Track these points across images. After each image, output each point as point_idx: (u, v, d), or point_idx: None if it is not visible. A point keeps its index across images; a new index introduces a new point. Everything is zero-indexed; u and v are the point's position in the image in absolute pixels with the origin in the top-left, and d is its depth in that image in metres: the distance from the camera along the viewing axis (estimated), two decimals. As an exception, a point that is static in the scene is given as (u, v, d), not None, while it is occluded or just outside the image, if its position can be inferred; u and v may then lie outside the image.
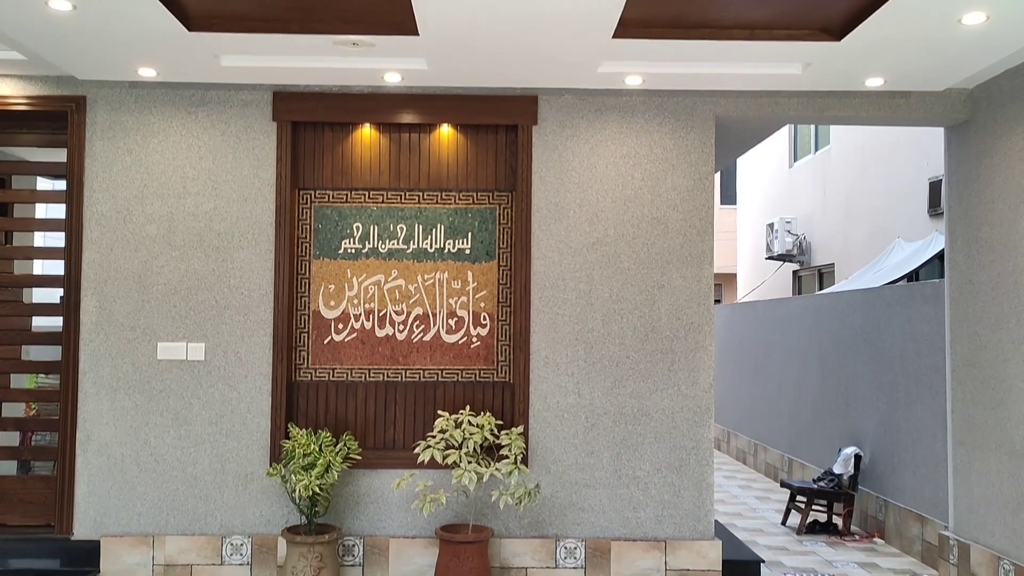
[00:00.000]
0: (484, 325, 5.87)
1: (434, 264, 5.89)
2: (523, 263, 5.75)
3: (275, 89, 5.72)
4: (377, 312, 5.86)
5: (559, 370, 5.75)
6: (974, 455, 5.72)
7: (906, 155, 10.68)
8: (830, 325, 8.80)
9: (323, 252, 5.86)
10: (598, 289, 5.77)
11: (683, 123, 5.80)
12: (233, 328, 5.71)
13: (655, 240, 5.79)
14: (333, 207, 5.87)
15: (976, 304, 5.70)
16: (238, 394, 5.69)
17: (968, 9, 4.24)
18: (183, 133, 5.73)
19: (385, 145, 5.88)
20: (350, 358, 5.84)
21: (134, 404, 5.66)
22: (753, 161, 16.66)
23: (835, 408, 8.53)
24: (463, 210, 5.90)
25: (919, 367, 6.81)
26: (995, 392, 5.48)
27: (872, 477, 7.58)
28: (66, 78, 5.68)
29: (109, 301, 5.68)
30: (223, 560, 5.60)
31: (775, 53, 5.03)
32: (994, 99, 5.53)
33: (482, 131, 5.88)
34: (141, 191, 5.71)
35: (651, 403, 5.75)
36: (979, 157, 5.71)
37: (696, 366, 5.76)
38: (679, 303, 5.77)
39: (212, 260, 5.71)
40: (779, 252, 14.15)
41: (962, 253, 5.90)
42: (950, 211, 6.08)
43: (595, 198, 5.79)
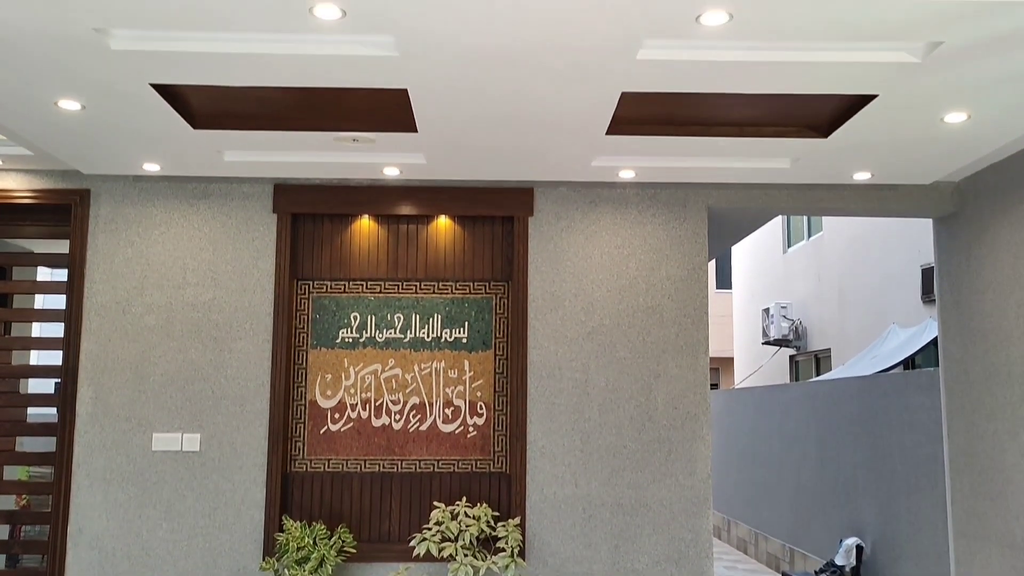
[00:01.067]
0: (481, 414, 5.86)
1: (431, 353, 5.91)
2: (519, 352, 5.78)
3: (276, 182, 5.84)
4: (374, 402, 5.86)
5: (556, 460, 5.72)
6: (975, 547, 5.65)
7: (898, 242, 10.82)
8: (828, 412, 8.78)
9: (320, 342, 5.89)
10: (594, 378, 5.79)
11: (676, 214, 5.91)
12: (229, 418, 5.70)
13: (650, 329, 5.83)
14: (331, 297, 5.93)
15: (971, 394, 5.72)
16: (232, 486, 5.65)
17: (949, 109, 4.38)
18: (184, 225, 5.82)
19: (383, 236, 5.97)
20: (346, 448, 5.82)
21: (127, 496, 5.61)
22: (748, 246, 16.84)
23: (835, 497, 8.45)
24: (460, 300, 5.95)
25: (918, 456, 6.78)
26: (994, 483, 5.45)
27: (874, 568, 7.47)
28: (71, 172, 5.80)
29: (105, 392, 5.68)
30: (213, 658, 5.47)
31: (764, 149, 5.17)
32: (980, 192, 5.65)
33: (479, 222, 5.99)
34: (141, 282, 5.77)
35: (649, 494, 5.70)
36: (968, 248, 5.80)
37: (693, 456, 5.74)
38: (675, 392, 5.78)
39: (210, 350, 5.74)
40: (775, 337, 14.19)
41: (955, 343, 5.94)
42: (942, 300, 6.15)
43: (590, 288, 5.86)
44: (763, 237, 15.80)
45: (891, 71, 3.88)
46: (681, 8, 3.32)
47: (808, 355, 14.07)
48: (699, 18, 3.40)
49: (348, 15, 3.41)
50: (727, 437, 12.31)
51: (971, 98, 4.23)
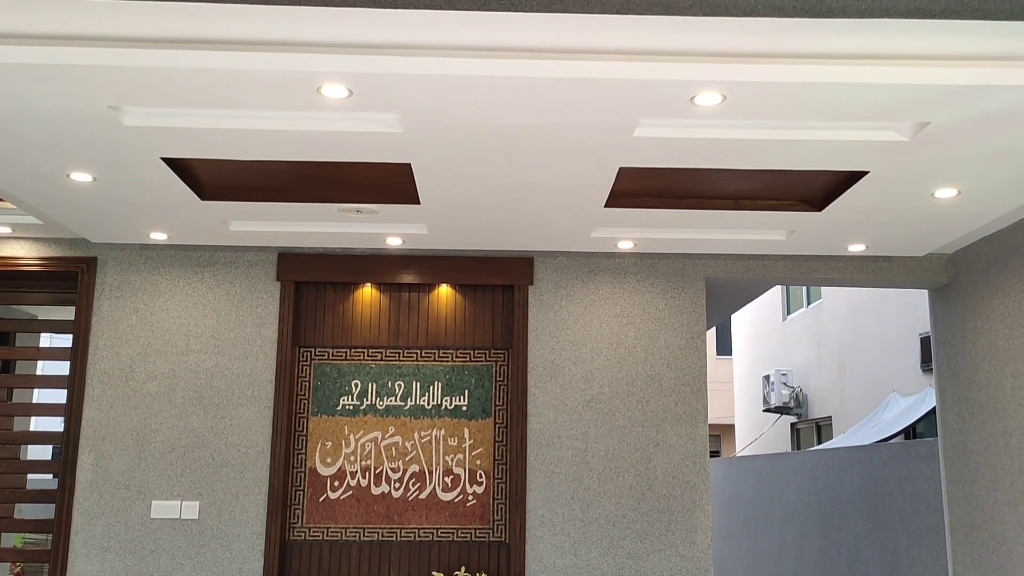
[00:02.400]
0: (480, 483, 5.86)
1: (431, 421, 5.93)
2: (519, 420, 5.80)
3: (280, 250, 5.94)
4: (373, 469, 5.86)
5: (555, 529, 5.70)
6: (979, 621, 5.59)
7: (896, 310, 10.89)
8: (829, 482, 8.74)
9: (321, 409, 5.92)
10: (594, 447, 5.80)
11: (674, 284, 5.99)
12: (228, 486, 5.69)
13: (650, 398, 5.86)
14: (332, 364, 5.97)
15: (970, 464, 5.72)
16: (230, 554, 5.61)
17: (939, 185, 4.48)
18: (189, 292, 5.90)
19: (385, 304, 6.04)
20: (345, 516, 5.80)
21: (124, 565, 5.57)
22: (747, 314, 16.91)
23: (838, 568, 8.35)
24: (460, 367, 6.00)
25: (919, 527, 6.74)
26: (995, 555, 5.42)
27: (879, 642, 7.36)
28: (79, 240, 5.89)
29: (106, 459, 5.69)
30: None
31: (760, 221, 5.27)
32: (973, 264, 5.73)
33: (479, 291, 6.06)
34: (145, 349, 5.82)
35: (649, 564, 5.66)
36: (963, 319, 5.86)
37: (693, 526, 5.72)
38: (675, 461, 5.79)
39: (211, 417, 5.76)
40: (776, 404, 14.17)
41: (953, 413, 5.96)
42: (939, 370, 6.19)
43: (590, 356, 5.90)
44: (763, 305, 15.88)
45: (880, 149, 3.99)
46: (676, 90, 3.44)
47: (809, 423, 14.03)
48: (694, 99, 3.52)
49: (355, 94, 3.53)
50: (728, 506, 12.21)
51: (960, 174, 4.34)
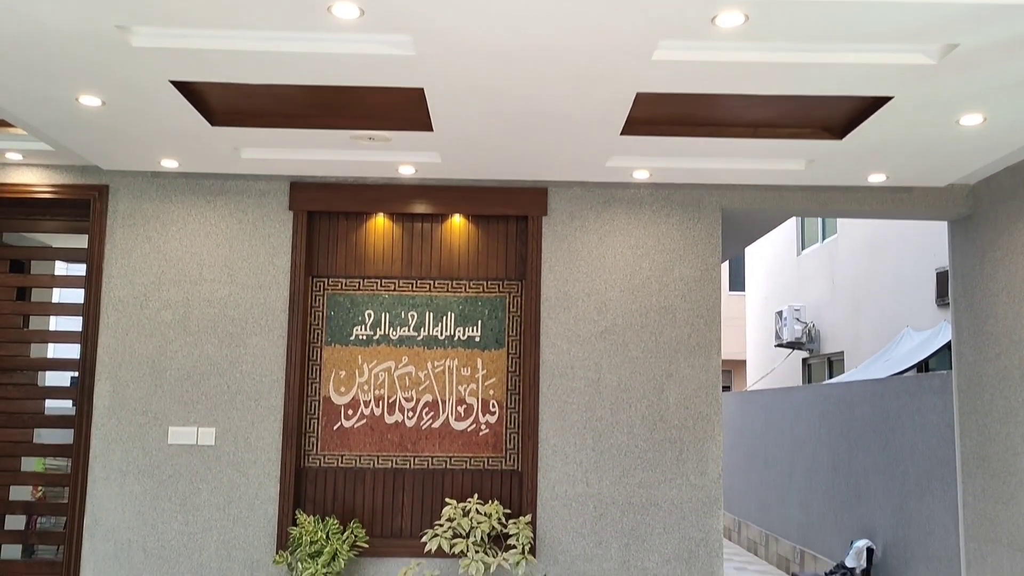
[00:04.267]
0: (493, 412, 5.89)
1: (444, 351, 5.95)
2: (532, 351, 5.80)
3: (292, 179, 5.89)
4: (387, 398, 5.90)
5: (567, 459, 5.74)
6: (987, 550, 5.64)
7: (913, 245, 10.79)
8: (840, 415, 8.77)
9: (335, 338, 5.94)
10: (606, 378, 5.81)
11: (690, 215, 5.92)
12: (244, 413, 5.75)
13: (663, 329, 5.85)
14: (345, 294, 5.97)
15: (984, 397, 5.71)
16: (247, 480, 5.70)
17: (965, 111, 4.38)
18: (201, 221, 5.88)
19: (398, 234, 6.01)
20: (359, 444, 5.86)
21: (143, 489, 5.67)
22: (761, 249, 16.81)
23: (847, 499, 8.44)
24: (473, 298, 5.99)
25: (930, 459, 6.77)
26: (1006, 486, 5.45)
27: (885, 571, 7.45)
28: (90, 168, 5.86)
29: (122, 385, 5.74)
30: (226, 650, 5.53)
31: (778, 150, 5.18)
32: (996, 194, 5.64)
33: (492, 221, 6.02)
34: (158, 277, 5.83)
35: (660, 493, 5.72)
36: (983, 251, 5.79)
37: (705, 456, 5.75)
38: (687, 392, 5.80)
39: (225, 346, 5.79)
40: (788, 340, 14.17)
41: (968, 345, 5.93)
42: (956, 304, 6.14)
43: (603, 288, 5.88)
44: (777, 240, 15.78)
45: (906, 73, 3.89)
46: (697, 9, 3.34)
47: (821, 358, 14.04)
48: (715, 19, 3.42)
49: (366, 14, 3.45)
50: (739, 439, 12.30)
51: (987, 100, 4.23)
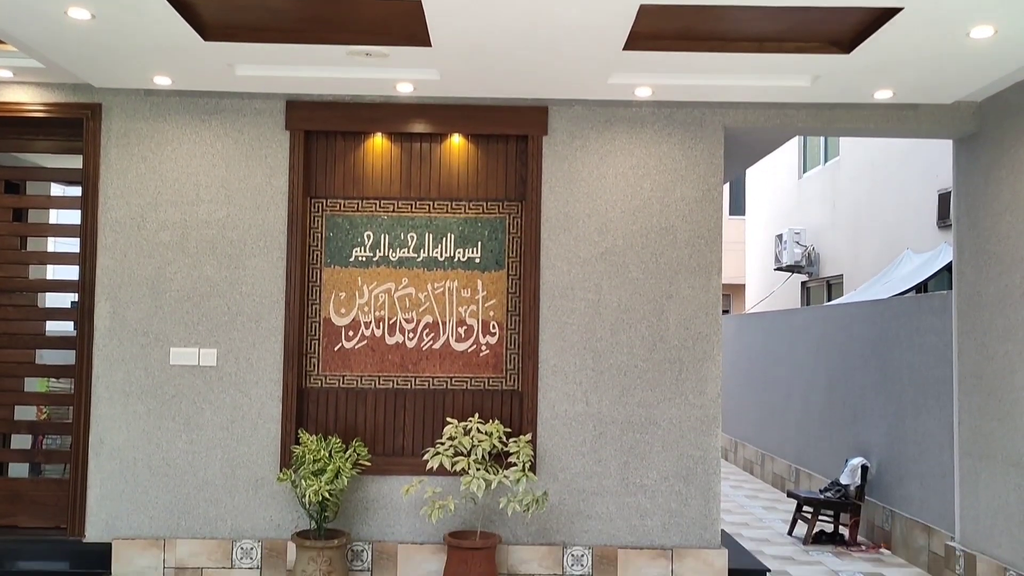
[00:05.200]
0: (493, 333, 5.91)
1: (444, 273, 5.93)
2: (532, 272, 5.79)
3: (288, 98, 5.79)
4: (387, 320, 5.91)
5: (567, 379, 5.78)
6: (981, 466, 5.73)
7: (916, 167, 10.69)
8: (838, 336, 8.81)
9: (334, 260, 5.91)
10: (606, 298, 5.81)
11: (692, 134, 5.84)
12: (245, 335, 5.76)
13: (664, 250, 5.83)
14: (344, 216, 5.92)
15: (983, 316, 5.72)
16: (249, 400, 5.74)
17: (976, 23, 4.28)
18: (196, 141, 5.80)
19: (396, 154, 5.93)
20: (360, 365, 5.89)
21: (147, 409, 5.72)
22: (762, 172, 16.68)
23: (842, 419, 8.54)
24: (473, 219, 5.94)
25: (926, 378, 6.82)
26: (1002, 403, 5.50)
27: (879, 488, 7.58)
28: (82, 86, 5.75)
29: (122, 306, 5.74)
30: (233, 564, 5.64)
31: (784, 65, 5.07)
32: (1003, 112, 5.55)
33: (492, 141, 5.94)
34: (155, 198, 5.78)
35: (659, 412, 5.77)
36: (987, 170, 5.73)
37: (704, 376, 5.79)
38: (687, 313, 5.81)
39: (225, 267, 5.77)
40: (788, 263, 14.15)
41: (970, 265, 5.92)
42: (958, 223, 6.11)
43: (604, 208, 5.83)
44: (778, 162, 15.64)
45: (918, -17, 3.78)
46: (704, -87, 3.23)
47: (820, 281, 14.06)
48: (722, -76, 3.30)
49: (362, -80, 3.33)
50: (737, 361, 12.40)
51: (999, 12, 4.13)
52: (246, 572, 5.64)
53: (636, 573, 5.66)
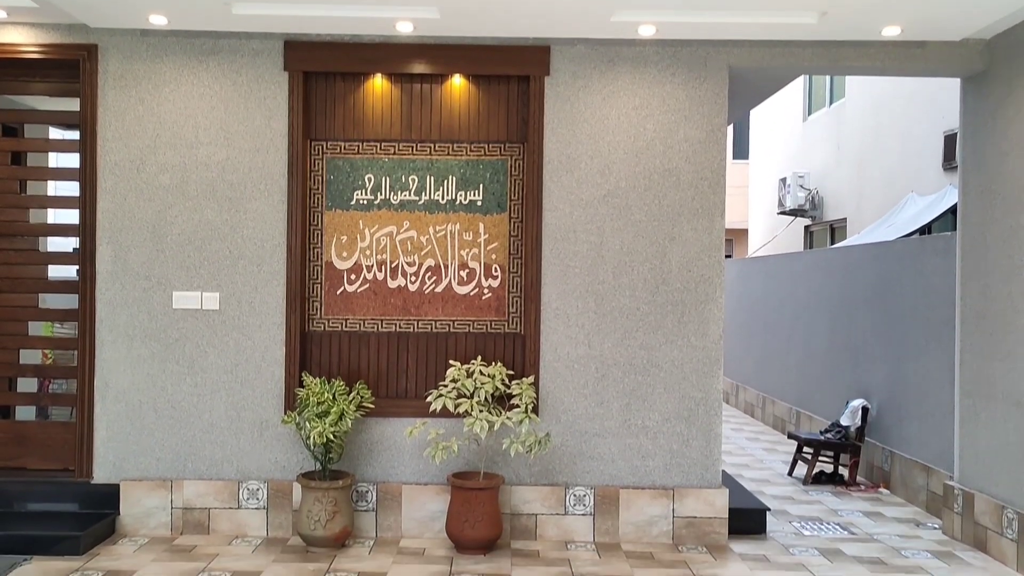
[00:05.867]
0: (495, 277, 5.90)
1: (446, 216, 5.90)
2: (534, 215, 5.76)
3: (286, 38, 5.70)
4: (389, 263, 5.90)
5: (570, 321, 5.79)
6: (981, 406, 5.76)
7: (921, 108, 10.57)
8: (841, 279, 8.80)
9: (335, 203, 5.88)
10: (609, 241, 5.79)
11: (696, 74, 5.76)
12: (247, 278, 5.76)
13: (667, 192, 5.79)
14: (345, 158, 5.88)
15: (988, 256, 5.70)
16: (252, 343, 5.76)
17: (987, -44, 4.19)
18: (194, 82, 5.73)
19: (396, 96, 5.86)
20: (362, 309, 5.89)
21: (150, 352, 5.74)
22: (766, 115, 16.51)
23: (844, 361, 8.57)
24: (475, 162, 5.89)
25: (929, 320, 6.83)
26: (1004, 343, 5.51)
27: (879, 429, 7.65)
28: (78, 26, 5.66)
29: (124, 250, 5.73)
30: (240, 504, 5.72)
31: (790, 1, 4.98)
32: (1012, 50, 5.46)
33: (494, 82, 5.86)
34: (154, 140, 5.73)
35: (661, 354, 5.79)
36: (995, 108, 5.66)
37: (706, 318, 5.79)
38: (690, 255, 5.79)
39: (225, 210, 5.74)
40: (791, 207, 14.09)
41: (975, 206, 5.88)
42: (964, 163, 6.05)
43: (607, 150, 5.78)
44: (783, 105, 15.47)
45: (929, -87, 3.69)
46: None
47: (823, 225, 14.00)
48: None
49: None
50: (739, 306, 12.41)
51: (1011, -55, 4.04)
52: (252, 512, 5.71)
53: (638, 512, 5.74)
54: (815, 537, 5.96)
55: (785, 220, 15.07)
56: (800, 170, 14.28)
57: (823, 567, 5.31)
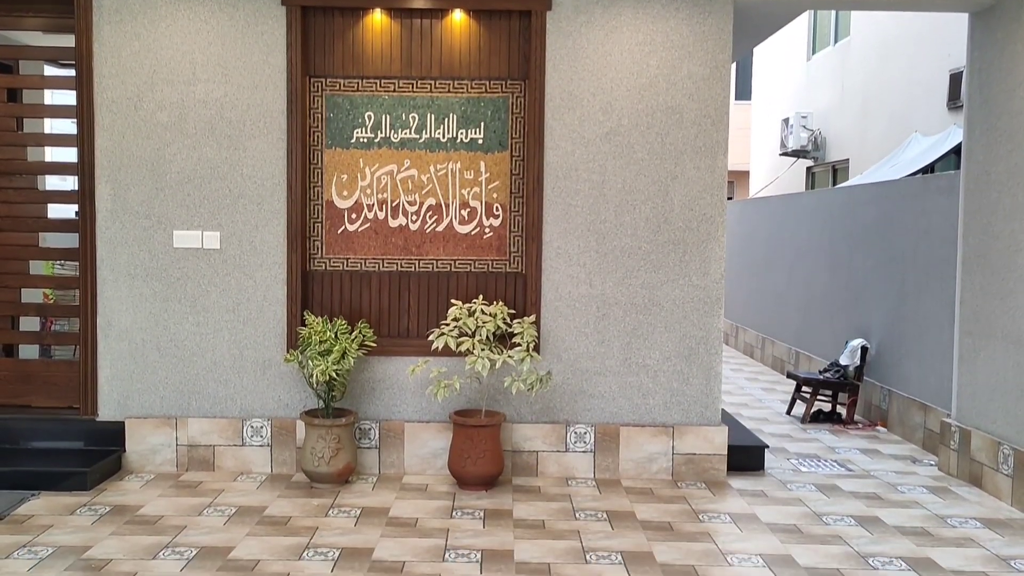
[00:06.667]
0: (497, 216, 5.88)
1: (447, 154, 5.86)
2: (536, 153, 5.72)
3: (283, -28, 5.60)
4: (390, 202, 5.87)
5: (571, 261, 5.78)
6: (980, 344, 5.79)
7: (927, 47, 10.42)
8: (842, 219, 8.78)
9: (335, 142, 5.83)
10: (611, 180, 5.75)
11: (701, 9, 5.67)
12: (247, 217, 5.74)
13: (669, 130, 5.74)
14: (344, 96, 5.81)
15: (991, 195, 5.68)
16: (254, 282, 5.76)
17: None
18: (191, 17, 5.63)
19: (396, 32, 5.78)
20: (364, 248, 5.88)
21: (152, 291, 5.75)
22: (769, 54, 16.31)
23: (844, 301, 8.59)
24: (475, 99, 5.83)
25: (930, 259, 6.83)
26: (1005, 282, 5.51)
27: (878, 368, 7.70)
28: (70, -40, 5.56)
29: (123, 189, 5.70)
30: (244, 442, 5.78)
31: (798, -67, 4.88)
32: (1022, -17, 5.38)
33: (495, 17, 5.77)
34: (151, 77, 5.65)
35: (662, 293, 5.80)
36: (1003, 45, 5.58)
37: (707, 257, 5.79)
38: (692, 194, 5.76)
39: (224, 149, 5.70)
40: (793, 148, 14.00)
41: (980, 143, 5.84)
42: (970, 100, 5.99)
43: (609, 87, 5.71)
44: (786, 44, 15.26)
45: None
46: None
47: (826, 166, 13.93)
48: None
49: None
50: (740, 247, 12.40)
51: None
52: (257, 450, 5.78)
53: (638, 449, 5.80)
54: (812, 474, 6.04)
55: (787, 162, 14.98)
56: (803, 110, 14.15)
57: (820, 502, 5.39)
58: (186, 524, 4.79)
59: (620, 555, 4.45)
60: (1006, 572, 4.34)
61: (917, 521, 5.07)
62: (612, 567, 4.29)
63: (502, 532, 4.75)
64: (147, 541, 4.52)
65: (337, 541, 4.57)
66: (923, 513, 5.22)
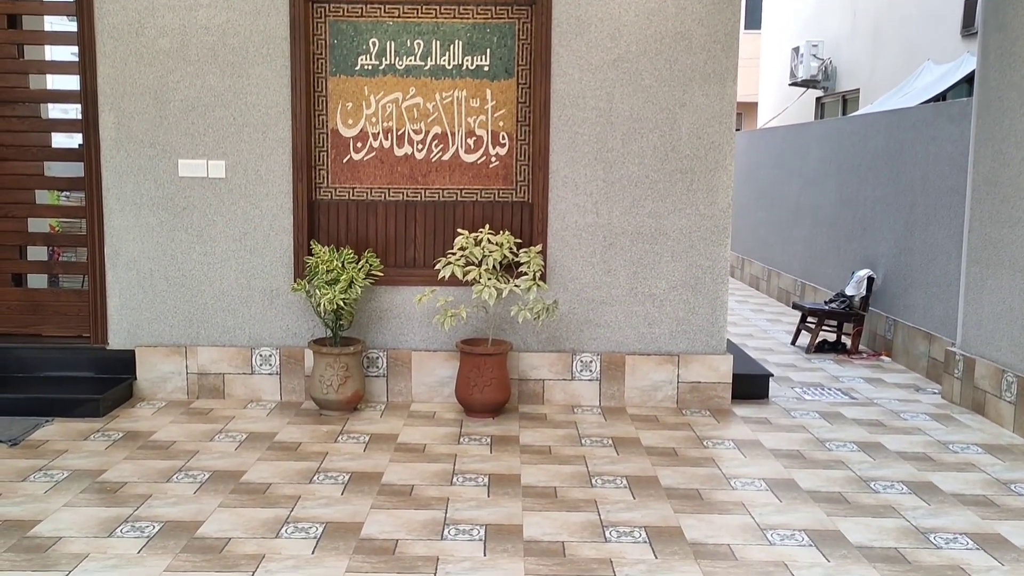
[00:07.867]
0: (503, 144, 5.83)
1: (452, 82, 5.79)
2: (542, 81, 5.64)
3: None
4: (395, 131, 5.82)
5: (578, 190, 5.76)
6: (987, 273, 5.78)
7: (943, -28, 10.21)
8: (852, 149, 8.70)
9: (339, 69, 5.76)
10: (618, 107, 5.69)
11: (712, -70, 5.53)
12: (252, 146, 5.70)
13: (678, 56, 5.65)
14: (348, 21, 5.72)
15: (1004, 121, 5.61)
16: (260, 212, 5.75)
17: None
18: (191, -59, 5.53)
19: (400, -45, 5.66)
20: (369, 177, 5.85)
21: (159, 220, 5.74)
22: (781, -19, 15.97)
23: (851, 232, 8.56)
24: (481, 25, 5.73)
25: (940, 188, 6.78)
26: (1014, 210, 5.48)
27: (884, 298, 7.71)
28: None
29: (127, 117, 5.65)
30: (253, 370, 5.84)
31: None
32: (1043, -98, 5.23)
33: (501, -61, 5.64)
34: (152, 2, 5.56)
35: (669, 223, 5.78)
36: (1021, -33, 5.46)
37: (715, 186, 5.75)
38: (700, 122, 5.70)
39: (228, 76, 5.63)
40: (803, 78, 13.81)
41: (994, 69, 5.75)
42: (985, 25, 5.88)
43: (617, 11, 5.61)
44: (798, -30, 14.94)
45: None
46: None
47: (835, 96, 13.75)
48: None
49: None
50: (747, 179, 12.32)
51: None
52: (266, 377, 5.84)
53: (643, 377, 5.85)
54: (816, 401, 6.09)
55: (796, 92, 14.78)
56: (814, 39, 13.91)
57: (823, 429, 5.45)
58: (198, 449, 4.87)
59: (625, 479, 4.52)
60: (1006, 495, 4.41)
61: (919, 447, 5.13)
62: (617, 490, 4.36)
63: (509, 457, 4.83)
64: (161, 465, 4.60)
65: (347, 466, 4.65)
66: (925, 439, 5.28)
